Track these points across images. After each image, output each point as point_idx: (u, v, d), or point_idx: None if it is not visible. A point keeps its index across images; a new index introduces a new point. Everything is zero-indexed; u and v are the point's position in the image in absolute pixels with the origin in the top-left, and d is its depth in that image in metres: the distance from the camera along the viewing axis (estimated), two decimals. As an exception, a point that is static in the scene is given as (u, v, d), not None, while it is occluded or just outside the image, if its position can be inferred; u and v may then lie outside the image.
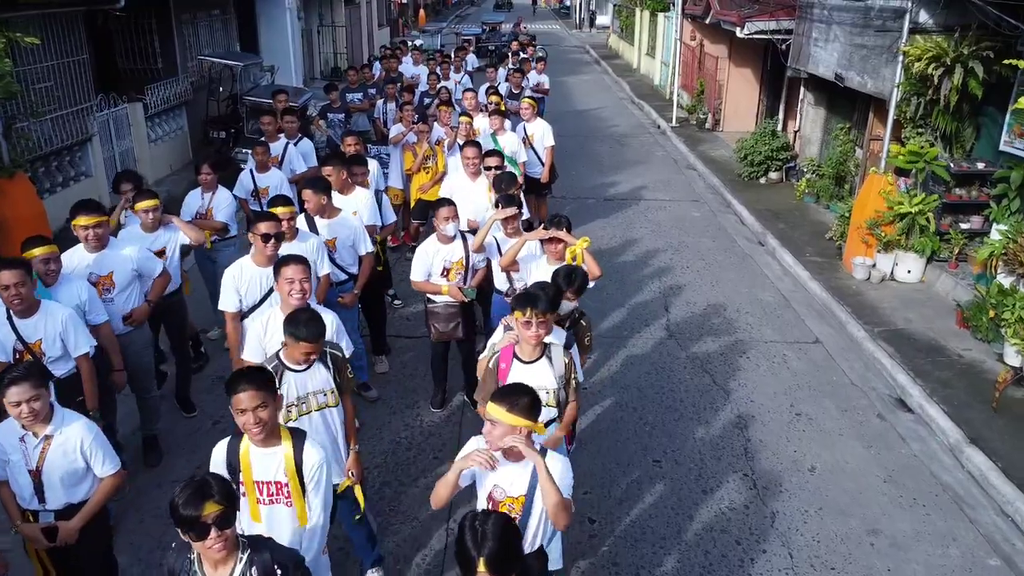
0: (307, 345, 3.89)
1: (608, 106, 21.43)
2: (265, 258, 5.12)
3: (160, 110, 12.60)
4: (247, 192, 7.91)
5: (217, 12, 15.22)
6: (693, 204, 12.42)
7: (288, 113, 8.99)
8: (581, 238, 5.25)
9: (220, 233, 7.06)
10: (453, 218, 5.88)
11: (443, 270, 6.03)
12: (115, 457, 3.89)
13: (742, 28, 12.77)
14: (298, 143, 8.85)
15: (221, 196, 7.05)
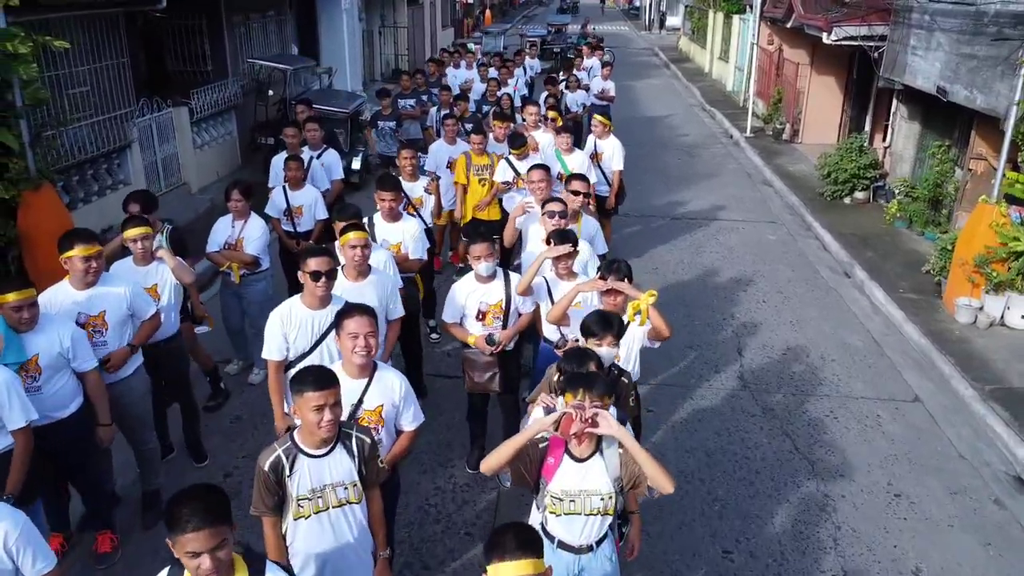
0: (314, 395, 3.17)
1: (677, 113, 20.35)
2: (317, 299, 4.43)
3: (207, 114, 12.12)
4: (279, 211, 7.26)
5: (272, 13, 14.74)
6: (769, 226, 11.35)
7: (311, 121, 8.27)
8: (647, 291, 4.35)
9: (250, 267, 6.39)
10: (487, 257, 5.08)
11: (478, 313, 5.22)
12: (48, 554, 3.14)
13: (829, 34, 11.64)
14: (322, 155, 8.16)
15: (253, 225, 6.38)
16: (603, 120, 9.04)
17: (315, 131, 8.13)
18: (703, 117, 20.09)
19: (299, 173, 7.21)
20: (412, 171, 7.24)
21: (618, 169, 9.01)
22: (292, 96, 12.34)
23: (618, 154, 8.97)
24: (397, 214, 5.96)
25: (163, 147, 11.04)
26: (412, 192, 7.12)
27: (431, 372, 6.96)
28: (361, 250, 4.86)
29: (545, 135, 8.88)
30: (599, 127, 8.94)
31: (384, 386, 3.86)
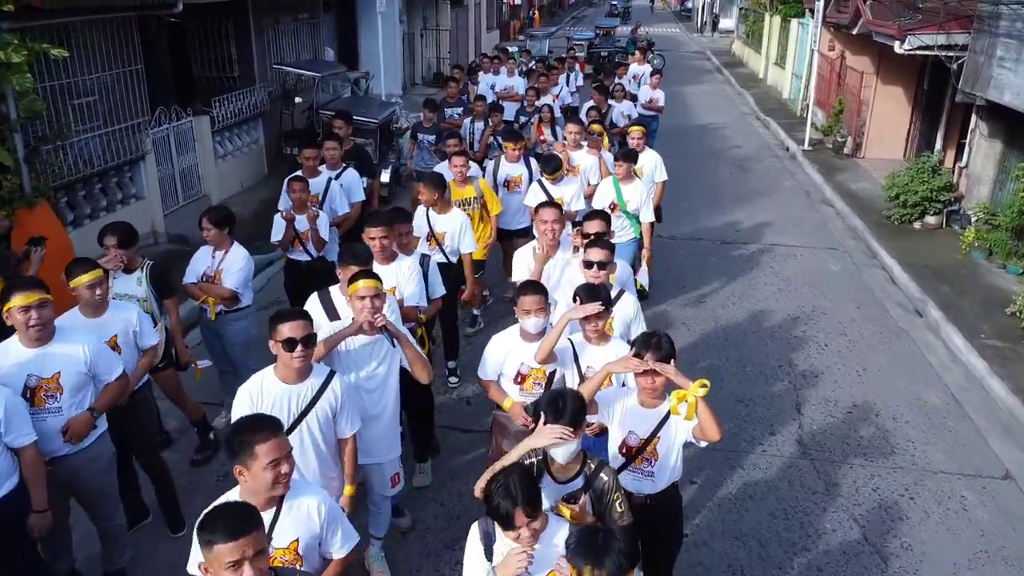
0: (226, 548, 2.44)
1: (729, 122, 19.30)
2: (292, 372, 3.72)
3: (231, 123, 11.55)
4: (279, 234, 6.59)
5: (305, 16, 14.15)
6: (830, 253, 10.33)
7: (330, 138, 7.55)
8: (697, 381, 3.50)
9: (228, 303, 5.70)
10: (538, 311, 4.26)
11: (517, 375, 4.41)
12: None
13: (901, 43, 10.58)
14: (341, 175, 7.45)
15: (234, 256, 5.68)
16: (640, 128, 8.26)
17: (334, 149, 7.41)
18: (757, 127, 19.01)
19: (303, 195, 6.51)
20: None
21: (662, 180, 8.40)
22: (320, 103, 11.68)
23: (660, 166, 8.34)
24: (392, 254, 5.17)
25: (182, 158, 10.48)
26: (439, 224, 6.36)
27: (445, 424, 6.19)
28: (371, 300, 4.09)
29: (589, 156, 8.06)
30: (637, 139, 8.14)
31: (298, 515, 3.12)
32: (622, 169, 7.15)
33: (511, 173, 7.61)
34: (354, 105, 11.88)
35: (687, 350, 7.53)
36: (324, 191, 7.11)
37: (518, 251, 5.64)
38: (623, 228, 7.27)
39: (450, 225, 6.34)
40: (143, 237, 9.37)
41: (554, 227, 5.25)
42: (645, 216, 7.21)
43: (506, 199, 7.60)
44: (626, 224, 7.28)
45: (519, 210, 7.61)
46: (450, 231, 6.34)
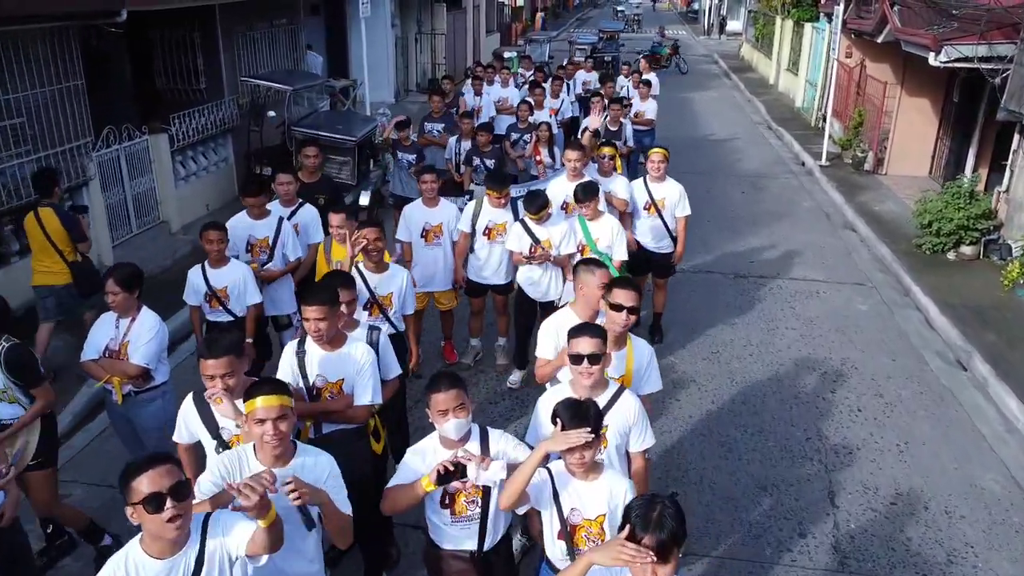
0: None
1: (740, 133, 18.21)
2: (168, 543, 2.68)
3: (195, 140, 10.52)
4: (199, 296, 5.53)
5: (283, 21, 13.11)
6: (857, 289, 9.25)
7: (284, 171, 6.48)
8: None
9: (137, 382, 4.66)
10: (457, 411, 3.26)
11: (444, 496, 3.40)
12: None
13: (937, 53, 9.48)
14: (296, 213, 6.40)
15: (142, 324, 4.64)
16: (663, 152, 7.20)
17: (287, 184, 6.35)
18: (769, 138, 17.91)
19: (221, 247, 5.45)
20: None
21: (685, 215, 7.31)
22: (294, 119, 10.64)
23: (684, 199, 7.26)
24: (338, 336, 4.11)
25: (136, 182, 9.47)
26: (382, 285, 5.29)
27: (406, 522, 5.13)
28: (274, 427, 3.06)
29: (561, 182, 7.03)
30: (657, 164, 7.08)
31: None
32: (588, 209, 6.18)
33: (494, 220, 6.53)
34: (331, 121, 10.87)
35: (701, 419, 6.47)
36: (275, 233, 6.06)
37: (548, 323, 4.53)
38: None
39: (394, 284, 5.30)
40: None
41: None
42: (618, 253, 6.24)
43: (487, 249, 6.57)
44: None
45: (500, 261, 6.58)
46: (396, 290, 5.29)
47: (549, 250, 6.18)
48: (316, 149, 7.14)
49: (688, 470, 5.81)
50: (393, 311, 5.26)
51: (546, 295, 6.39)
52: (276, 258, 6.01)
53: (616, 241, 6.24)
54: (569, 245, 6.23)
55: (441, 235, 6.48)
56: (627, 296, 3.96)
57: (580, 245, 6.24)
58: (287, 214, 6.31)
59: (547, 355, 4.40)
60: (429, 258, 6.52)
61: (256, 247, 5.98)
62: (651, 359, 4.17)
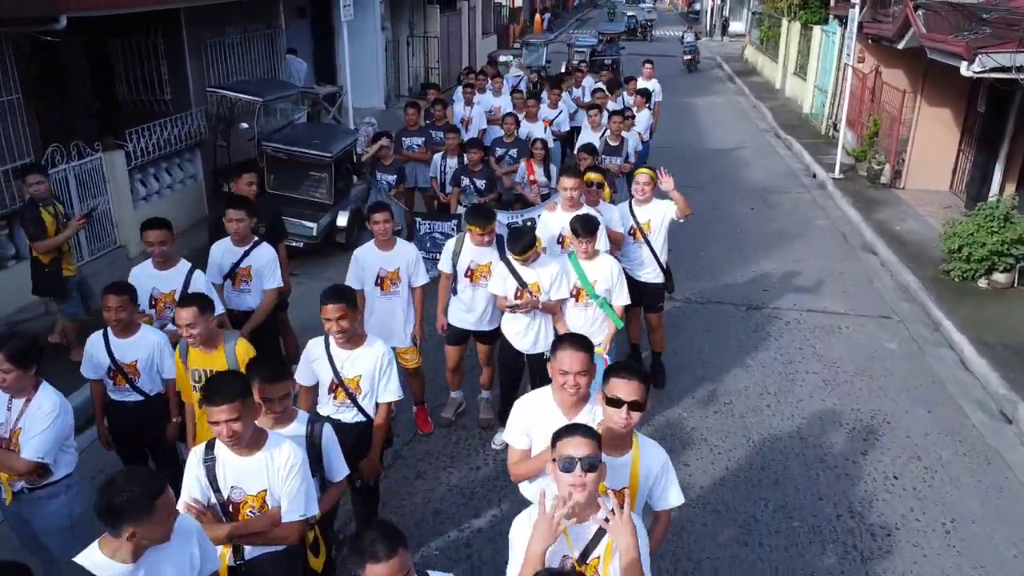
0: None
1: (746, 142, 17.33)
2: None
3: (158, 156, 9.66)
4: (100, 370, 4.58)
5: (259, 26, 12.23)
6: (883, 324, 8.38)
7: (234, 206, 5.49)
8: None
9: (31, 479, 3.80)
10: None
11: None
12: None
13: (970, 62, 8.60)
14: (250, 253, 5.52)
15: (39, 407, 3.78)
16: (649, 173, 6.34)
17: (239, 221, 5.44)
18: (777, 147, 17.03)
19: (124, 314, 4.45)
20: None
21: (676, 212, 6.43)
22: (264, 133, 9.76)
23: (668, 216, 6.38)
24: (257, 437, 3.24)
25: (88, 203, 8.59)
26: (351, 365, 4.34)
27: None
28: None
29: (557, 213, 6.15)
30: (643, 187, 6.26)
31: None
32: (586, 247, 5.33)
33: (477, 259, 5.66)
34: (306, 134, 10.00)
35: (714, 489, 5.60)
36: (183, 287, 5.07)
37: (520, 405, 3.65)
38: (596, 322, 5.45)
39: (365, 364, 4.31)
40: (26, 308, 7.54)
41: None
42: (619, 298, 5.42)
43: (470, 292, 5.70)
44: (598, 317, 5.46)
45: (486, 306, 5.72)
46: (367, 372, 4.32)
47: (537, 295, 5.33)
48: (253, 176, 6.18)
49: (701, 560, 4.94)
50: (363, 395, 4.35)
51: (534, 346, 5.54)
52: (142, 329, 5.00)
53: (617, 284, 5.40)
54: (561, 289, 5.38)
55: (399, 282, 5.58)
56: (628, 388, 3.09)
57: (575, 288, 5.40)
58: (238, 255, 5.43)
59: (518, 444, 3.55)
60: (385, 309, 5.62)
61: (160, 302, 5.05)
62: (665, 466, 3.29)
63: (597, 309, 5.39)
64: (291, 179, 9.71)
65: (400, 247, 5.62)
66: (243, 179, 6.04)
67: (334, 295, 4.11)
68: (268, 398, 3.37)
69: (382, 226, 5.49)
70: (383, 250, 5.58)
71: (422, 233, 8.23)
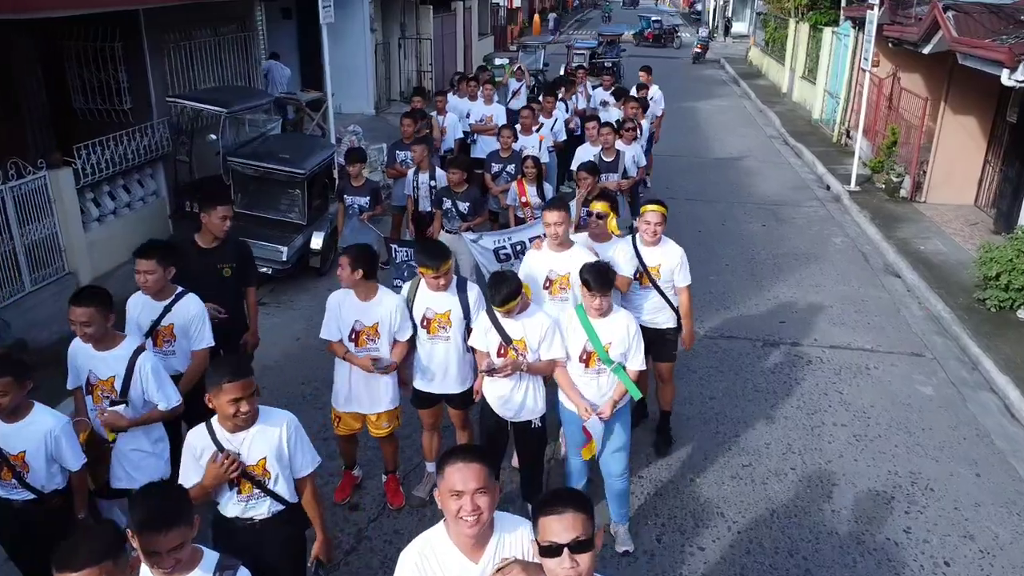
0: None
1: (754, 150, 16.46)
2: None
3: (114, 172, 8.79)
4: None
5: (232, 28, 11.35)
6: (915, 363, 7.50)
7: (143, 254, 4.46)
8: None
9: None
10: None
11: None
12: None
13: (1013, 71, 7.73)
14: (172, 307, 4.58)
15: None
16: (659, 209, 5.39)
17: (149, 273, 4.45)
18: (787, 155, 16.14)
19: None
20: None
21: (686, 285, 5.51)
22: (230, 147, 8.88)
23: (684, 266, 5.47)
24: None
25: (31, 227, 7.72)
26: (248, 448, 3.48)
27: None
28: None
29: (579, 259, 5.17)
30: (653, 227, 5.33)
31: None
32: (596, 302, 4.34)
33: (434, 307, 4.76)
34: (278, 148, 9.11)
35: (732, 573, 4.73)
36: (125, 374, 4.03)
37: None
38: (610, 391, 4.52)
39: (269, 441, 3.48)
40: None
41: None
42: (634, 362, 4.50)
43: (428, 346, 4.84)
44: (613, 383, 4.50)
45: (448, 363, 4.83)
46: (272, 451, 3.47)
47: (524, 353, 4.46)
48: (229, 210, 5.16)
49: None
50: (273, 479, 3.49)
51: (519, 413, 4.67)
52: (132, 399, 4.04)
53: (634, 345, 4.47)
54: (553, 348, 4.50)
55: (377, 338, 4.71)
56: (563, 524, 2.27)
57: (584, 353, 4.46)
58: (158, 311, 4.54)
59: None
60: (358, 368, 4.77)
61: (97, 389, 4.10)
62: None
63: (611, 376, 4.48)
64: (260, 197, 8.84)
65: (381, 297, 4.70)
66: (216, 212, 5.04)
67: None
68: (154, 551, 2.48)
69: (347, 272, 4.61)
70: (361, 300, 4.71)
71: (398, 261, 7.36)
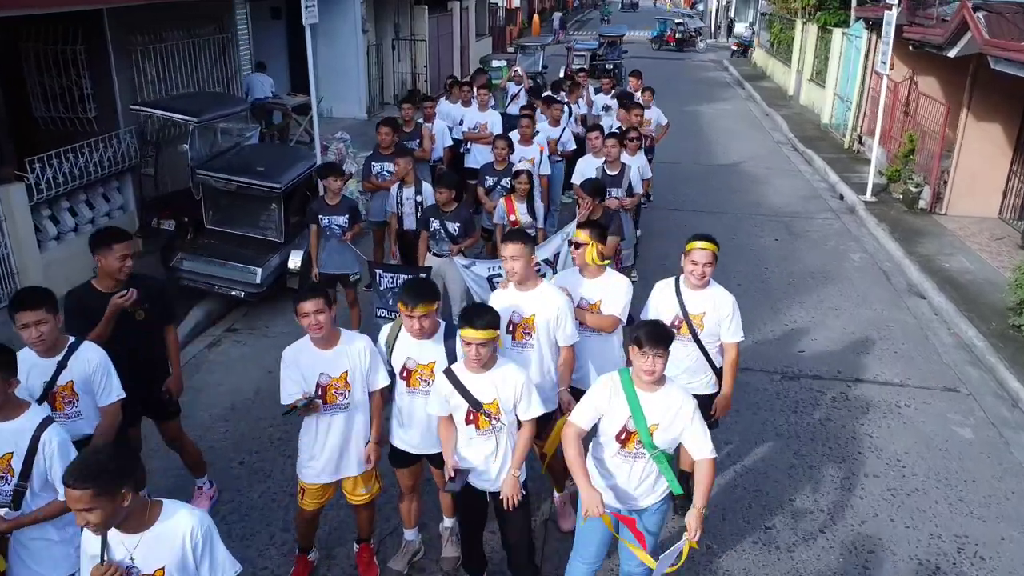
0: None
1: (762, 156, 15.76)
2: None
3: (73, 187, 8.10)
4: None
5: (209, 29, 10.65)
6: (950, 400, 6.80)
7: (26, 305, 3.65)
8: None
9: None
10: None
11: None
12: None
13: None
14: (65, 365, 3.76)
15: None
16: (714, 250, 4.55)
17: (40, 323, 3.65)
18: (797, 163, 15.44)
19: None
20: None
21: (736, 340, 4.72)
22: (199, 159, 8.17)
23: (736, 316, 4.67)
24: None
25: (-25, 249, 7.04)
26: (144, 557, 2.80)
27: None
28: None
29: (523, 295, 4.44)
30: (702, 268, 4.52)
31: None
32: (649, 362, 3.47)
33: (416, 356, 4.06)
34: (253, 159, 8.43)
35: None
36: (27, 452, 3.30)
37: None
38: (647, 479, 3.70)
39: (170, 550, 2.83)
40: None
41: None
42: (700, 449, 3.61)
43: (407, 399, 4.15)
44: (651, 472, 3.69)
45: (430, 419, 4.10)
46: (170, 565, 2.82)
47: (499, 416, 3.78)
48: (128, 247, 4.35)
49: None
50: None
51: (496, 483, 3.95)
52: (35, 494, 3.35)
53: (691, 425, 3.59)
54: (532, 407, 3.80)
55: (347, 391, 4.02)
56: None
57: (623, 431, 3.62)
58: (51, 370, 3.80)
59: None
60: (334, 429, 4.08)
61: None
62: None
63: (649, 462, 3.65)
64: (233, 213, 8.16)
65: (346, 342, 4.01)
66: (113, 253, 4.25)
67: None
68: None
69: (312, 319, 3.88)
70: (322, 348, 4.02)
71: (383, 288, 6.68)
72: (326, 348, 3.99)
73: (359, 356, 4.01)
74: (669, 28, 35.29)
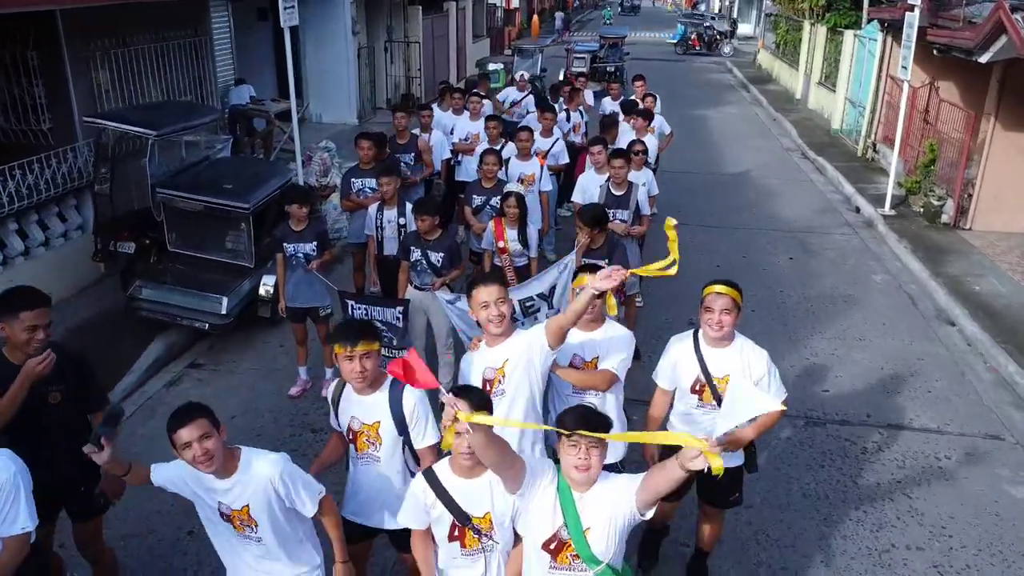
0: None
1: (771, 164, 15.01)
2: None
3: (22, 206, 7.36)
4: None
5: (182, 33, 9.89)
6: (995, 449, 6.05)
7: None
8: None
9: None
10: None
11: None
12: None
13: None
14: None
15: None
16: (736, 297, 3.85)
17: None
18: (808, 171, 14.68)
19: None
20: None
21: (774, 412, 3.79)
22: (159, 176, 7.41)
23: (773, 377, 4.03)
24: None
25: (-95, 278, 6.29)
26: None
27: None
28: None
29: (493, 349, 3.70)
30: (719, 319, 3.81)
31: None
32: (581, 456, 2.74)
33: (361, 417, 3.41)
34: (220, 175, 7.69)
35: None
36: None
37: None
38: None
39: None
40: None
41: None
42: None
43: (353, 466, 3.46)
44: None
45: (376, 491, 3.39)
46: None
47: (491, 533, 3.03)
48: (39, 316, 3.40)
49: None
50: None
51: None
52: None
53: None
54: (502, 504, 3.05)
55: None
56: None
57: (557, 541, 2.83)
58: None
59: None
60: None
61: None
62: None
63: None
64: (198, 236, 7.42)
65: (244, 469, 3.08)
66: (20, 322, 3.34)
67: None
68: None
69: (197, 449, 2.86)
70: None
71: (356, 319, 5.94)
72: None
73: (265, 486, 3.05)
74: (692, 30, 33.97)
